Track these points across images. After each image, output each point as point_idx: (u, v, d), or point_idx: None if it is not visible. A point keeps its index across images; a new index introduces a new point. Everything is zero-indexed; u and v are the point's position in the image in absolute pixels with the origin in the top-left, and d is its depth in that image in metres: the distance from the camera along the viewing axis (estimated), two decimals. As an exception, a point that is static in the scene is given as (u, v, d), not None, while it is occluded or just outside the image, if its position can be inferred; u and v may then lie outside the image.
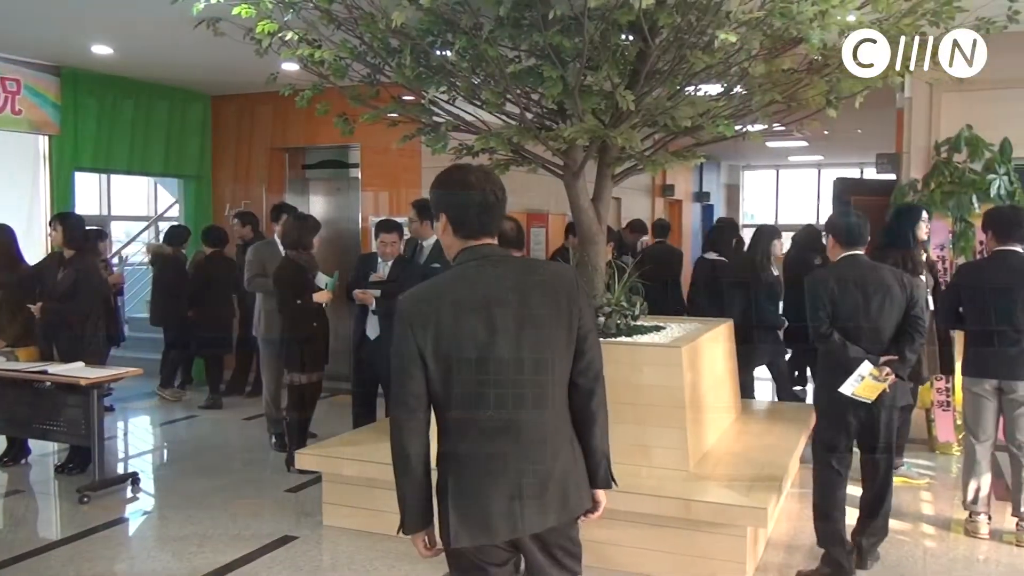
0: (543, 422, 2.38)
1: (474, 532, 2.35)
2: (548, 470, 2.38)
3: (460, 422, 2.35)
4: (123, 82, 8.44)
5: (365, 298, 5.96)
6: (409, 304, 2.36)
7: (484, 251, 2.41)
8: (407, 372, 2.33)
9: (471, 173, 2.45)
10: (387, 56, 4.76)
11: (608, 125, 4.63)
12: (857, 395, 3.98)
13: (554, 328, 2.38)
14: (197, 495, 5.50)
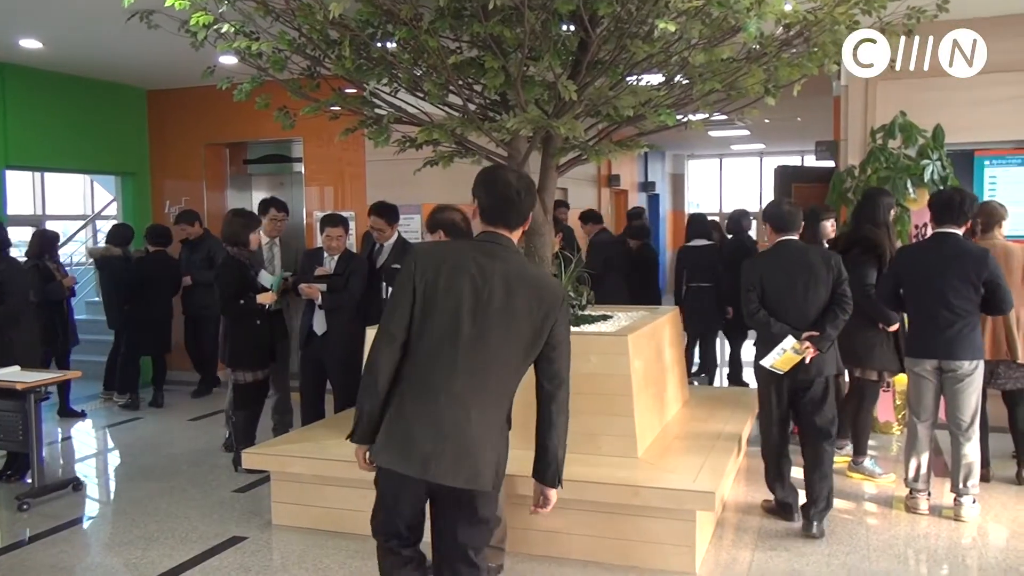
0: (478, 398, 2.67)
1: (393, 457, 2.66)
2: (468, 438, 2.65)
3: (418, 363, 2.67)
4: (55, 77, 8.20)
5: (311, 293, 5.89)
6: (421, 251, 2.79)
7: (496, 238, 2.78)
8: (400, 305, 2.69)
9: (509, 172, 2.88)
10: (326, 48, 4.70)
11: (551, 115, 4.63)
12: (774, 367, 4.49)
13: (522, 328, 2.69)
14: (142, 498, 5.39)
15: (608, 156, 5.10)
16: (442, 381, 2.65)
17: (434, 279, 2.67)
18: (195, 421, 7.52)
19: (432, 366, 2.66)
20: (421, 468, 2.63)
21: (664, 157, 17.91)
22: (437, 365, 2.66)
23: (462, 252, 2.77)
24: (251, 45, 4.54)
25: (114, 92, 8.90)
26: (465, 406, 2.65)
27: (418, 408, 2.65)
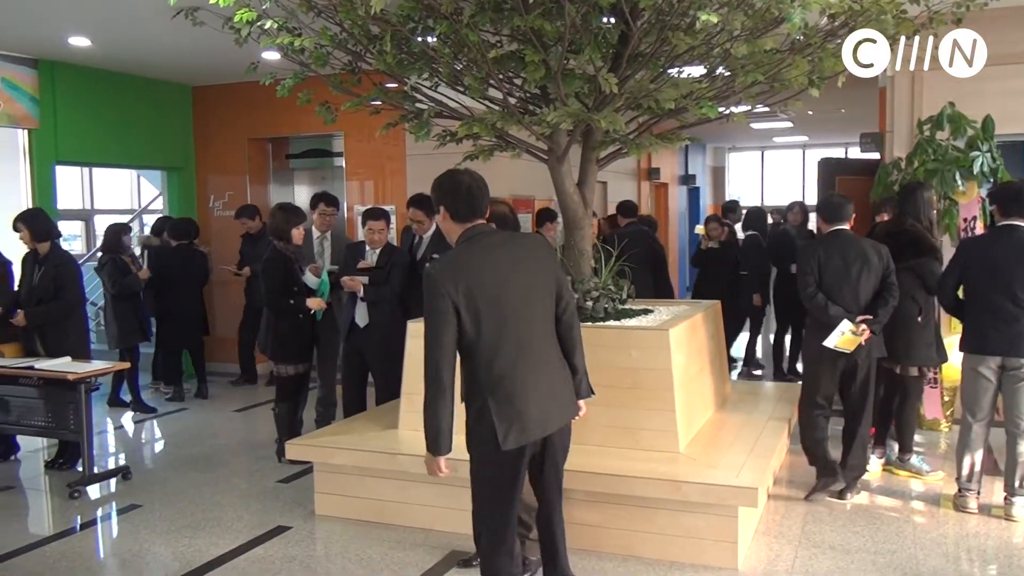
0: (543, 348, 3.22)
1: (518, 436, 3.07)
2: (553, 384, 3.22)
3: (489, 356, 3.07)
4: (102, 74, 8.36)
5: (353, 285, 5.94)
6: (440, 271, 3.05)
7: (481, 228, 3.19)
8: (444, 322, 3.00)
9: (459, 173, 3.26)
10: (368, 43, 4.73)
11: (591, 109, 4.62)
12: (838, 347, 4.75)
13: (541, 280, 3.23)
14: (189, 488, 5.49)
15: (649, 149, 5.08)
16: (517, 359, 3.10)
17: (467, 288, 3.02)
18: (240, 412, 7.65)
19: (504, 354, 3.08)
20: (542, 429, 3.16)
21: (705, 150, 17.75)
22: (508, 351, 3.09)
23: (472, 255, 3.13)
24: (294, 41, 4.59)
25: (160, 89, 9.04)
26: (539, 366, 3.17)
27: (514, 389, 3.08)
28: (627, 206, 8.69)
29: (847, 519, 4.70)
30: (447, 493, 4.49)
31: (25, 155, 7.77)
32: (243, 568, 4.23)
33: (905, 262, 5.11)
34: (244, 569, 4.22)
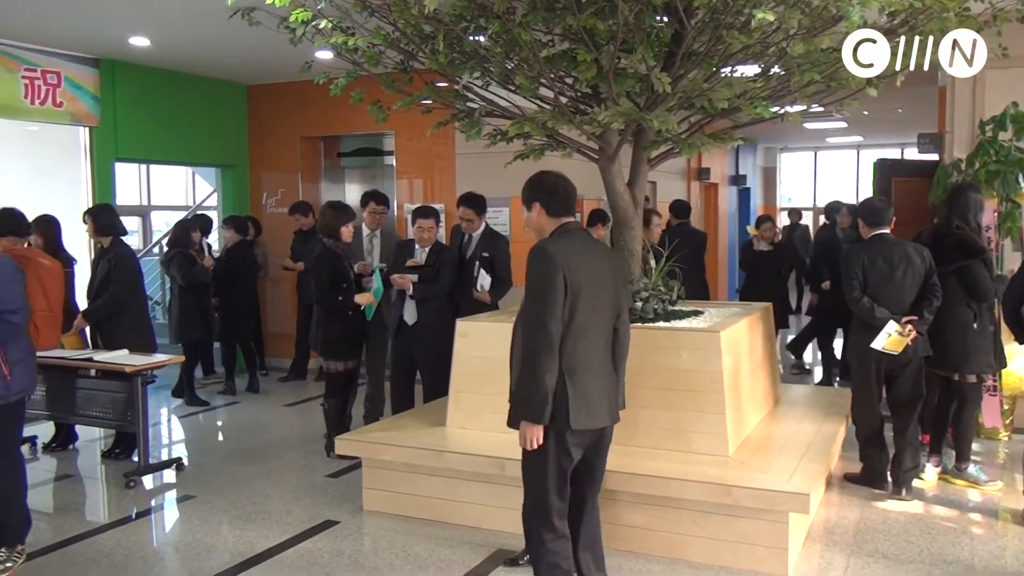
0: (608, 348, 3.42)
1: (587, 419, 3.28)
2: (611, 382, 3.43)
3: (576, 338, 3.25)
4: (160, 73, 8.54)
5: (402, 283, 5.98)
6: (554, 247, 3.28)
7: (574, 225, 3.46)
8: (558, 291, 3.19)
9: (552, 174, 3.50)
10: (420, 42, 4.76)
11: (643, 108, 4.59)
12: (886, 348, 4.82)
13: (616, 284, 3.46)
14: (240, 480, 5.58)
15: (701, 149, 5.04)
16: (594, 347, 3.32)
17: (575, 270, 3.23)
18: (290, 407, 7.75)
19: (587, 340, 3.28)
20: (602, 420, 3.36)
21: (756, 150, 17.51)
22: (589, 339, 3.29)
23: (574, 245, 3.34)
24: (347, 40, 4.64)
25: (216, 87, 9.21)
26: (605, 362, 3.40)
27: (589, 376, 3.28)
28: (680, 206, 8.64)
29: (901, 528, 4.60)
30: (494, 491, 4.50)
31: (86, 152, 7.98)
32: (292, 561, 4.29)
33: (952, 265, 5.02)
34: (293, 562, 4.28)
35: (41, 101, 7.44)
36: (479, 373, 4.88)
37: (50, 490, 5.54)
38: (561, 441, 3.29)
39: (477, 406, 4.86)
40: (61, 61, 7.61)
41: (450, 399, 5.05)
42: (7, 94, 7.16)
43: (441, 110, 5.26)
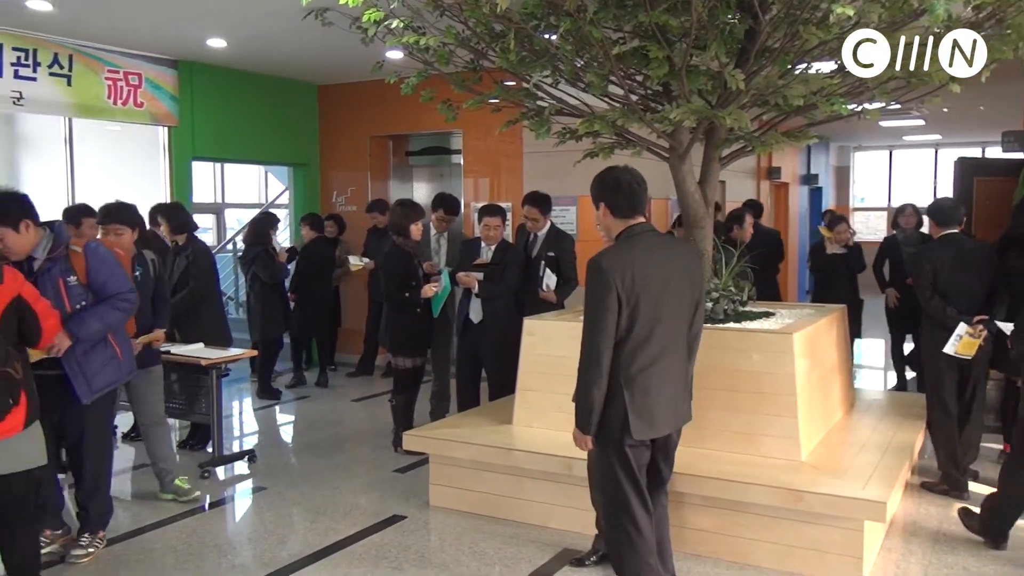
0: (680, 352, 3.36)
1: (647, 429, 3.26)
2: (680, 387, 3.39)
3: (635, 348, 3.21)
4: (235, 74, 8.75)
5: (468, 282, 6.02)
6: (609, 260, 3.21)
7: (643, 227, 3.34)
8: (609, 309, 3.15)
9: (620, 170, 3.39)
10: (491, 41, 4.77)
11: (715, 105, 4.52)
12: (958, 353, 4.79)
13: (690, 287, 3.36)
14: (310, 473, 5.69)
15: (775, 147, 4.94)
16: (659, 357, 3.25)
17: (631, 282, 3.17)
18: (358, 402, 7.86)
19: (649, 349, 3.22)
20: (667, 427, 3.35)
21: (828, 148, 17.11)
22: (653, 347, 3.23)
23: (636, 251, 3.25)
24: (419, 40, 4.66)
25: (288, 87, 9.39)
26: (674, 368, 3.34)
27: (650, 385, 3.23)
28: (753, 205, 8.51)
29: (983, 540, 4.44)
30: (561, 490, 4.49)
31: (165, 151, 8.23)
32: (360, 554, 4.35)
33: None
34: (361, 555, 4.34)
35: (123, 101, 7.70)
36: (546, 371, 4.87)
37: (128, 478, 5.72)
38: (621, 450, 3.28)
39: (544, 404, 4.85)
40: (142, 63, 7.86)
41: (516, 397, 5.06)
42: (92, 95, 7.42)
43: (510, 109, 5.26)
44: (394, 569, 4.16)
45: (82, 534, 4.31)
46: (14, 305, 3.35)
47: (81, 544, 4.27)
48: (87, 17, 6.64)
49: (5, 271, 3.37)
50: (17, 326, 3.40)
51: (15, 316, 3.37)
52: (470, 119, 6.14)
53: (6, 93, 6.77)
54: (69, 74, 7.23)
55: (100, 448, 4.29)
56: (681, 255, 3.45)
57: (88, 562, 4.20)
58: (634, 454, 3.30)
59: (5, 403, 3.26)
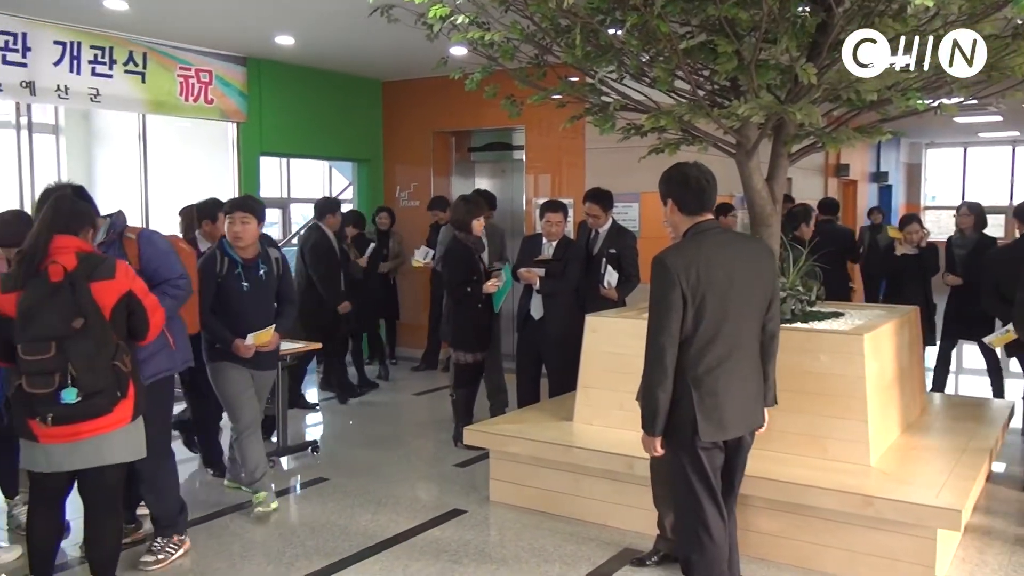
0: (750, 352, 3.28)
1: (715, 431, 3.18)
2: (752, 388, 3.30)
3: (701, 348, 3.14)
4: (302, 71, 8.88)
5: (530, 278, 6.01)
6: (673, 257, 3.15)
7: (710, 224, 3.27)
8: (673, 309, 3.10)
9: (689, 167, 3.32)
10: (556, 36, 4.75)
11: (785, 100, 4.42)
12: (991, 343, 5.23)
13: (760, 285, 3.28)
14: (372, 465, 5.75)
15: (847, 144, 4.81)
16: (727, 357, 3.17)
17: (696, 281, 3.11)
18: (419, 396, 7.93)
19: (718, 348, 3.15)
20: (737, 429, 3.26)
21: (899, 145, 16.64)
22: (720, 347, 3.16)
23: (703, 249, 3.19)
24: (483, 35, 4.66)
25: (353, 84, 9.50)
26: (744, 368, 3.25)
27: (718, 386, 3.15)
28: (827, 203, 8.37)
29: (1062, 551, 4.27)
30: (622, 489, 4.46)
31: (234, 146, 8.40)
32: (421, 547, 4.38)
33: None
34: (422, 548, 4.37)
35: (194, 98, 7.87)
36: (607, 369, 4.84)
37: (194, 466, 5.85)
38: (692, 452, 3.21)
39: (605, 402, 4.82)
40: (212, 60, 8.02)
41: (578, 394, 5.04)
42: (165, 91, 7.61)
43: (574, 104, 5.24)
44: (454, 563, 4.18)
45: (155, 538, 4.22)
46: (125, 300, 3.42)
47: (152, 549, 4.16)
48: (161, 16, 6.81)
49: (118, 267, 3.43)
50: (127, 320, 3.47)
51: (125, 310, 3.43)
52: (533, 115, 6.13)
53: (84, 90, 6.98)
54: (143, 71, 7.42)
55: (155, 442, 3.85)
56: (751, 253, 3.35)
57: (159, 569, 4.08)
58: (707, 456, 3.22)
59: (114, 395, 3.34)
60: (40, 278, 3.29)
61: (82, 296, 3.29)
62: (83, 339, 3.26)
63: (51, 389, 3.23)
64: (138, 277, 3.57)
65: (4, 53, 6.41)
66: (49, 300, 3.26)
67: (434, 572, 4.09)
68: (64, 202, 3.51)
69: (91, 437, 3.36)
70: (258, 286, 4.78)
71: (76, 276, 3.31)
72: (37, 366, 3.23)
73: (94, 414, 3.32)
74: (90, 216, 3.67)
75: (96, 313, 3.31)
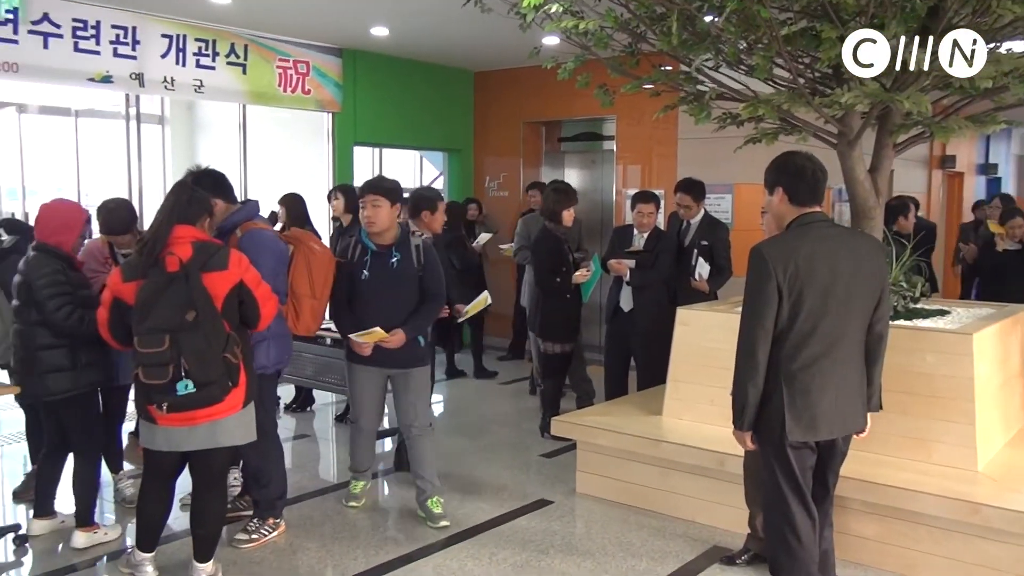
0: (851, 351, 3.14)
1: (805, 431, 3.07)
2: (851, 389, 3.16)
3: (796, 344, 3.04)
4: (395, 61, 8.99)
5: (620, 269, 5.95)
6: (771, 248, 3.08)
7: (818, 216, 3.18)
8: (768, 301, 3.02)
9: (802, 157, 3.23)
10: (651, 24, 4.67)
11: (891, 88, 4.24)
12: None
13: (868, 282, 3.14)
14: (458, 453, 5.80)
15: (958, 134, 4.58)
16: (824, 354, 3.06)
17: (795, 273, 3.01)
18: (506, 385, 7.96)
19: (815, 345, 3.05)
20: (830, 430, 3.14)
21: (1010, 136, 15.79)
22: (817, 344, 3.05)
23: (805, 241, 3.09)
24: (577, 24, 4.61)
25: (445, 74, 9.57)
26: (843, 367, 3.11)
27: (812, 384, 3.05)
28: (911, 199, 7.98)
29: None
30: (712, 486, 4.38)
31: (329, 136, 8.58)
32: (507, 536, 4.40)
33: None
34: (508, 537, 4.38)
35: (292, 89, 8.06)
36: (699, 363, 4.75)
37: (289, 448, 5.99)
38: (780, 451, 3.12)
39: (696, 396, 4.74)
40: (310, 51, 8.20)
41: (667, 388, 4.97)
42: (264, 83, 7.82)
43: (668, 93, 5.14)
44: (540, 553, 4.18)
45: (252, 518, 4.34)
46: (236, 290, 3.49)
47: (248, 529, 4.27)
48: (262, 9, 6.99)
49: (231, 257, 3.50)
50: (239, 309, 3.55)
51: (236, 300, 3.51)
52: (624, 104, 6.06)
53: (188, 81, 7.23)
54: (244, 63, 7.64)
55: (261, 429, 3.88)
56: (859, 248, 3.20)
57: (252, 548, 4.19)
58: (796, 456, 3.12)
59: (225, 385, 3.43)
60: (158, 268, 3.39)
61: (195, 288, 3.37)
62: (195, 332, 3.34)
63: (166, 380, 3.34)
64: (252, 267, 3.60)
65: (115, 46, 6.70)
66: (165, 291, 3.35)
67: (520, 561, 4.10)
68: (183, 192, 3.59)
69: (206, 422, 3.48)
70: (384, 276, 4.34)
71: (190, 267, 3.39)
72: (152, 358, 3.33)
73: (206, 403, 3.42)
74: (207, 205, 3.70)
75: (208, 305, 3.38)
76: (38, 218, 4.13)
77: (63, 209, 4.19)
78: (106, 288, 3.60)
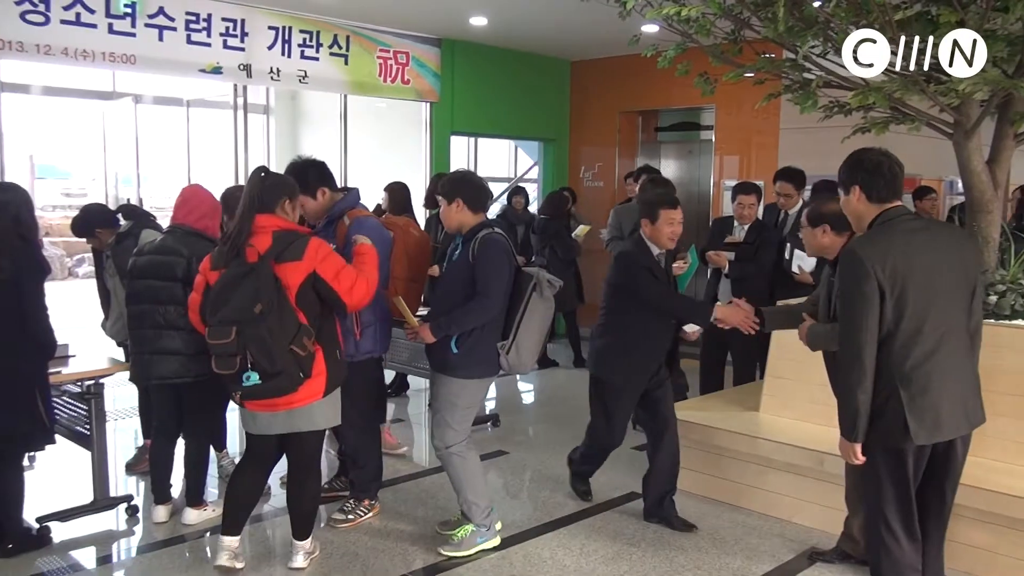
0: (962, 343, 3.02)
1: (930, 432, 2.93)
2: (968, 383, 3.05)
3: (907, 343, 2.91)
4: (493, 51, 9.03)
5: (718, 260, 5.83)
6: (865, 247, 2.96)
7: (900, 211, 3.05)
8: (870, 303, 2.89)
9: (878, 152, 3.12)
10: (756, 9, 4.54)
11: (1014, 75, 4.02)
12: None
13: (964, 273, 3.03)
14: (549, 442, 5.81)
15: (1087, 123, 4.32)
16: (936, 350, 2.93)
17: (893, 270, 2.89)
18: (596, 376, 7.92)
19: (925, 343, 2.92)
20: (954, 428, 3.00)
21: None
22: (927, 340, 2.92)
23: (895, 236, 2.98)
24: (679, 11, 4.53)
25: (542, 64, 9.56)
26: (958, 361, 3.00)
27: (930, 382, 2.91)
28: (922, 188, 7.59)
29: None
30: (809, 486, 4.27)
31: (426, 126, 8.69)
32: (598, 527, 4.39)
33: None
34: (599, 528, 4.37)
35: (392, 79, 8.20)
36: (798, 359, 4.59)
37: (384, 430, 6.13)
38: (897, 456, 2.98)
39: (795, 393, 4.62)
40: (409, 42, 8.32)
41: (765, 384, 4.85)
42: (366, 73, 7.98)
43: (772, 82, 5.00)
44: (630, 546, 4.15)
45: (348, 499, 4.46)
46: (310, 280, 3.49)
47: (344, 509, 4.39)
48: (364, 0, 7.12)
49: (308, 246, 3.48)
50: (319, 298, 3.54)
51: (312, 290, 3.50)
52: (724, 94, 5.91)
53: (293, 72, 7.44)
54: (346, 54, 7.81)
55: (359, 415, 4.14)
56: (949, 238, 3.11)
57: (348, 528, 4.31)
58: (913, 461, 3.00)
59: (295, 377, 3.46)
60: (239, 259, 3.45)
61: (263, 280, 3.38)
62: (259, 325, 3.34)
63: (234, 371, 3.41)
64: (331, 256, 3.54)
65: (225, 38, 6.94)
66: (240, 283, 3.39)
67: (611, 553, 4.08)
68: (255, 181, 3.56)
69: (286, 409, 3.55)
70: (448, 267, 4.11)
71: (265, 258, 3.42)
72: (220, 349, 3.39)
73: (276, 394, 3.46)
74: (285, 187, 3.63)
75: (275, 297, 3.37)
76: (182, 202, 4.23)
77: (208, 195, 4.33)
78: (199, 273, 3.68)
